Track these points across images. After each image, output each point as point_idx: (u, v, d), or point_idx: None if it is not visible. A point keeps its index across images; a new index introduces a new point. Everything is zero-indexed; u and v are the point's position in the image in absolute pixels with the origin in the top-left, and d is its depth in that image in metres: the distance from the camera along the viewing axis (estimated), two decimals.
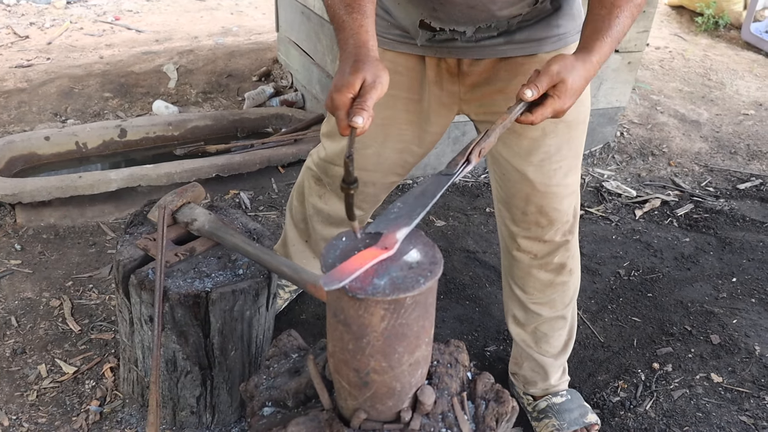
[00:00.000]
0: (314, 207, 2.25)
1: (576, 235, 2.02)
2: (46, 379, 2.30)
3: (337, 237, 1.19)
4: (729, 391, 2.44)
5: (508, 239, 2.05)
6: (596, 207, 3.62)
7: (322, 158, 2.11)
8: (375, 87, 1.27)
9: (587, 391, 2.42)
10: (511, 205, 1.95)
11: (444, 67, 1.80)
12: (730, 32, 6.62)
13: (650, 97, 5.01)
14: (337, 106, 1.26)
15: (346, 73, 1.28)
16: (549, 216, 1.91)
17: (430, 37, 1.72)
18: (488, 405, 1.36)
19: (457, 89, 1.83)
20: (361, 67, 1.28)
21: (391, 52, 1.80)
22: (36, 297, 2.66)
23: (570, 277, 2.08)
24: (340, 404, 1.31)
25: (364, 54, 1.33)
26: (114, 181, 3.09)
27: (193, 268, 1.90)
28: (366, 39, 1.37)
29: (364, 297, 1.07)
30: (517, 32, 1.71)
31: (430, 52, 1.77)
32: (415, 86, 1.84)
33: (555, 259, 2.01)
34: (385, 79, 1.29)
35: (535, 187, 1.86)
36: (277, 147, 3.63)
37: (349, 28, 1.38)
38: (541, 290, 2.08)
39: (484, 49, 1.73)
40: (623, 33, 1.52)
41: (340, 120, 1.26)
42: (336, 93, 1.26)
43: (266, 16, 6.53)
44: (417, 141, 1.94)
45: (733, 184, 4.01)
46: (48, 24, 6.06)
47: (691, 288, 3.00)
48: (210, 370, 1.97)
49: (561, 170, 1.86)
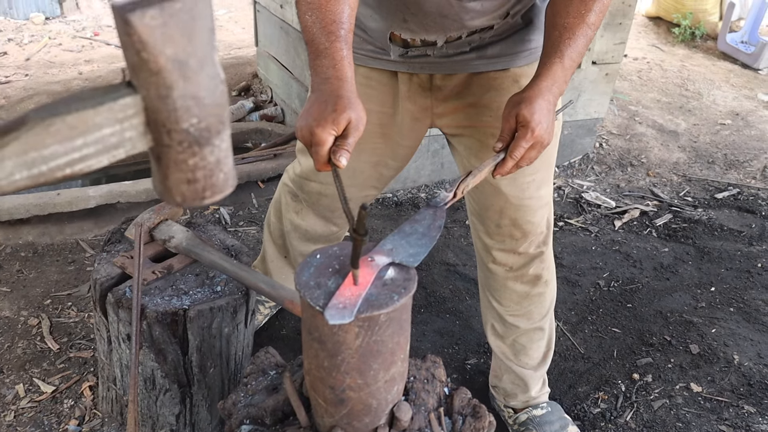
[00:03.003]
0: (291, 223, 2.25)
1: (550, 246, 2.04)
2: (23, 399, 2.28)
3: (312, 255, 1.19)
4: (708, 401, 2.45)
5: (483, 252, 2.06)
6: (576, 218, 3.64)
7: (298, 174, 2.11)
8: (358, 129, 1.27)
9: (568, 403, 2.43)
10: (485, 218, 1.96)
11: (416, 82, 1.80)
12: (706, 42, 6.69)
13: (628, 107, 5.06)
14: (319, 141, 1.25)
15: (329, 110, 1.26)
16: (523, 228, 1.92)
17: (402, 53, 1.73)
18: (465, 420, 1.36)
19: (429, 103, 1.84)
20: (347, 106, 1.27)
21: (364, 68, 1.81)
22: (14, 316, 2.64)
23: (546, 288, 2.09)
24: (317, 421, 1.30)
25: (348, 90, 1.31)
26: (93, 198, 3.08)
27: (171, 286, 1.89)
28: (348, 74, 1.35)
29: None
30: (489, 47, 1.72)
31: (402, 68, 1.77)
32: (388, 100, 1.85)
33: (530, 270, 2.02)
34: (365, 121, 1.30)
35: (509, 200, 1.87)
36: (256, 162, 3.63)
37: (330, 57, 1.35)
38: (517, 302, 2.09)
39: (456, 64, 1.74)
40: (580, 56, 1.54)
41: (320, 156, 1.25)
42: (318, 128, 1.25)
43: (246, 30, 6.53)
44: (391, 154, 1.94)
45: (710, 194, 4.04)
46: (26, 40, 6.03)
47: (670, 298, 3.01)
48: (189, 387, 1.96)
49: (534, 183, 1.87)
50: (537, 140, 1.47)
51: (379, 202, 3.62)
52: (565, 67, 1.51)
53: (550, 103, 1.49)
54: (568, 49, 1.51)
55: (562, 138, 4.07)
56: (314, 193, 2.08)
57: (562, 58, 1.51)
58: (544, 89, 1.49)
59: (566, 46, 1.51)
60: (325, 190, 2.04)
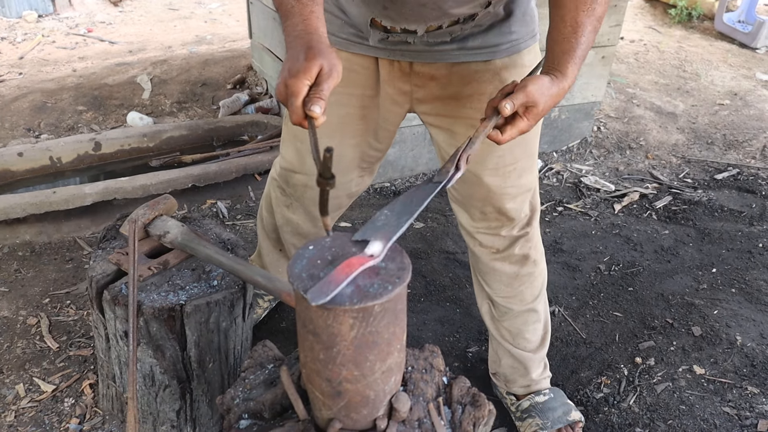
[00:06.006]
0: (283, 217, 2.23)
1: (536, 226, 2.04)
2: (24, 398, 2.28)
3: (304, 246, 1.18)
4: (711, 383, 2.44)
5: (468, 237, 2.07)
6: (575, 203, 3.62)
7: (283, 167, 2.09)
8: (332, 75, 1.24)
9: (570, 389, 2.42)
10: (469, 206, 1.97)
11: (397, 67, 1.78)
12: (703, 23, 6.66)
13: (626, 90, 5.03)
14: (293, 92, 1.21)
15: (300, 59, 1.24)
16: (508, 214, 1.94)
17: (382, 38, 1.71)
18: (465, 409, 1.34)
19: (409, 88, 1.82)
20: (317, 54, 1.24)
21: (346, 53, 1.79)
22: (12, 315, 2.63)
23: (535, 267, 2.09)
24: (315, 414, 1.29)
25: (317, 40, 1.29)
26: (89, 196, 3.06)
27: (167, 281, 1.88)
28: (317, 25, 1.33)
29: (332, 306, 1.06)
30: (470, 39, 1.70)
31: (382, 54, 1.75)
32: (369, 83, 1.83)
33: (516, 250, 2.02)
34: (339, 68, 1.27)
35: (491, 189, 1.88)
36: (253, 155, 3.62)
37: (299, 14, 1.34)
38: (507, 284, 2.09)
39: (436, 54, 1.72)
40: (588, 48, 1.53)
41: (296, 108, 1.22)
42: (292, 79, 1.22)
43: (240, 23, 6.50)
44: (372, 134, 1.92)
45: (710, 175, 4.02)
46: (19, 38, 6.01)
47: (671, 280, 3.00)
48: (188, 383, 1.95)
49: (515, 171, 1.87)
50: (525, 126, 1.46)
51: (376, 191, 3.60)
52: (577, 64, 1.50)
53: (559, 97, 1.48)
54: (579, 48, 1.49)
55: (560, 123, 4.07)
56: (300, 185, 2.06)
57: (577, 53, 1.49)
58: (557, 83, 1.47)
59: (578, 43, 1.49)
60: (310, 181, 2.02)
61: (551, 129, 4.08)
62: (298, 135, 1.95)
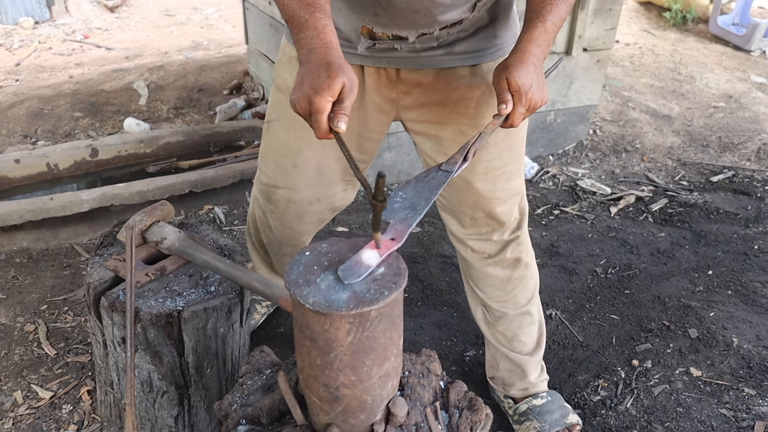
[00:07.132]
0: (266, 236, 2.26)
1: (525, 230, 2.06)
2: (22, 405, 2.28)
3: (301, 252, 1.18)
4: (708, 385, 2.45)
5: (458, 244, 2.08)
6: (571, 206, 3.63)
7: (264, 183, 2.09)
8: (352, 91, 1.29)
9: (568, 392, 2.42)
10: (458, 212, 1.98)
11: (383, 74, 1.79)
12: (698, 26, 6.68)
13: (621, 93, 5.05)
14: (318, 109, 1.26)
15: (322, 76, 1.28)
16: (498, 219, 1.95)
17: (370, 45, 1.72)
18: (462, 414, 1.35)
19: (396, 95, 1.83)
20: (339, 70, 1.28)
21: None
22: (10, 322, 2.63)
23: (527, 270, 2.11)
24: (313, 419, 1.30)
25: (336, 56, 1.33)
26: (86, 202, 3.07)
27: (165, 288, 1.88)
28: (332, 39, 1.37)
29: (328, 312, 1.06)
30: (456, 44, 1.72)
31: (369, 62, 1.76)
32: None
33: (507, 254, 2.04)
34: (357, 84, 1.31)
35: (482, 194, 1.90)
36: (250, 160, 3.62)
37: (313, 28, 1.37)
38: (501, 288, 2.10)
39: (423, 59, 1.73)
40: (562, 19, 1.59)
41: (321, 124, 1.27)
42: (317, 97, 1.26)
43: (236, 28, 6.51)
44: (355, 146, 1.92)
45: (706, 177, 4.04)
46: (16, 45, 6.01)
47: (668, 283, 3.01)
48: (186, 389, 1.95)
49: (504, 175, 1.89)
50: (532, 103, 1.52)
51: None
52: (547, 30, 1.55)
53: (537, 66, 1.52)
54: (549, 14, 1.55)
55: (555, 126, 4.08)
56: (282, 201, 2.05)
57: (544, 23, 1.55)
58: (529, 53, 1.52)
59: (548, 11, 1.55)
60: (294, 195, 2.02)
61: (547, 132, 4.09)
62: (280, 149, 1.96)
